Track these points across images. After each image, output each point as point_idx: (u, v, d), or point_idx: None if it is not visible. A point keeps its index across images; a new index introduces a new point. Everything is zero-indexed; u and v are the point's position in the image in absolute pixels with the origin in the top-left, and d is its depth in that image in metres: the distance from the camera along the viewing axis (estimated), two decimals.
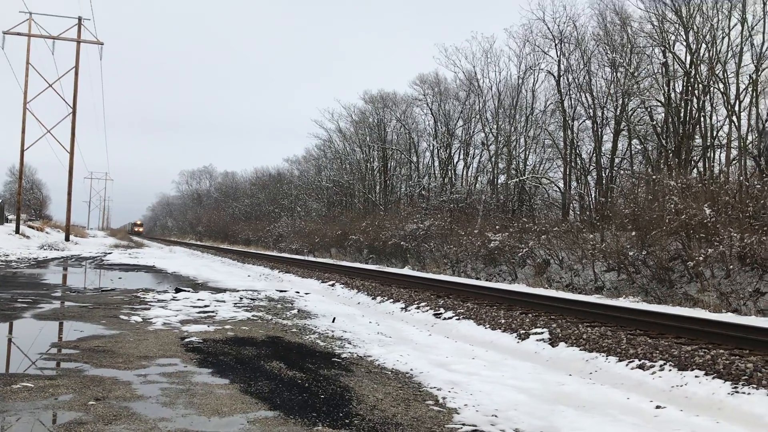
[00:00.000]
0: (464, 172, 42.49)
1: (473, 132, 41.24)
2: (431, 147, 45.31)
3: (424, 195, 43.07)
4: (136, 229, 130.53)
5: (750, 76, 24.18)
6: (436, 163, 44.71)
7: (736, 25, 24.84)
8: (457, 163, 43.05)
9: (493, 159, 38.16)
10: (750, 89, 24.16)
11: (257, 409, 5.20)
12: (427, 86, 43.97)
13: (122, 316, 10.15)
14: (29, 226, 49.29)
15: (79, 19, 43.19)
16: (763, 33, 23.96)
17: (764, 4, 23.76)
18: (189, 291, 14.49)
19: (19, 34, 41.56)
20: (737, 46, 24.69)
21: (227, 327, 9.55)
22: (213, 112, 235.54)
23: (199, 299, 12.89)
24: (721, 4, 25.07)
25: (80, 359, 6.84)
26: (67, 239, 45.94)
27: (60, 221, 59.88)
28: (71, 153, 43.45)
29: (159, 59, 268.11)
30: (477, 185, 40.53)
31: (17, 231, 41.79)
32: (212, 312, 11.17)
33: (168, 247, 57.08)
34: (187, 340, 8.29)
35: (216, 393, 5.65)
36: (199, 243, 72.17)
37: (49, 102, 45.74)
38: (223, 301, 12.84)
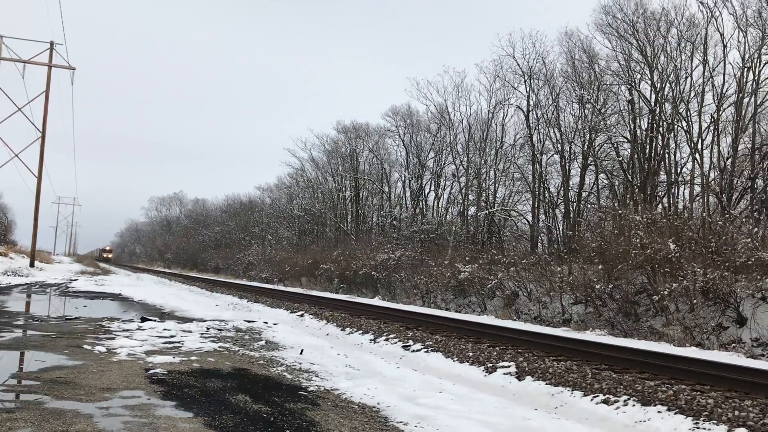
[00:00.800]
0: (435, 203, 42.82)
1: (444, 164, 41.69)
2: (403, 178, 45.66)
3: (396, 225, 43.21)
4: (105, 255, 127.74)
5: (711, 115, 24.94)
6: (408, 194, 45.01)
7: (698, 66, 25.69)
8: (428, 194, 43.40)
9: (463, 191, 38.53)
10: (712, 128, 24.90)
11: None
12: (399, 118, 44.47)
13: (86, 346, 9.97)
14: None
15: (51, 43, 42.94)
16: (723, 74, 24.81)
17: (724, 47, 24.64)
18: (155, 320, 14.28)
19: None
20: (699, 86, 25.49)
21: (193, 358, 9.44)
22: (184, 138, 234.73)
23: (165, 329, 12.71)
24: (684, 45, 25.92)
25: (41, 391, 6.71)
26: (32, 265, 44.95)
27: (25, 246, 58.71)
28: (39, 177, 42.81)
29: (130, 85, 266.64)
30: (447, 216, 40.82)
31: None
32: (178, 342, 11.02)
33: (135, 274, 56.17)
34: (151, 371, 8.18)
35: (179, 427, 5.58)
36: (167, 270, 71.14)
37: (17, 126, 45.08)
38: (190, 332, 12.68)
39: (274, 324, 15.58)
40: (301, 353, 10.72)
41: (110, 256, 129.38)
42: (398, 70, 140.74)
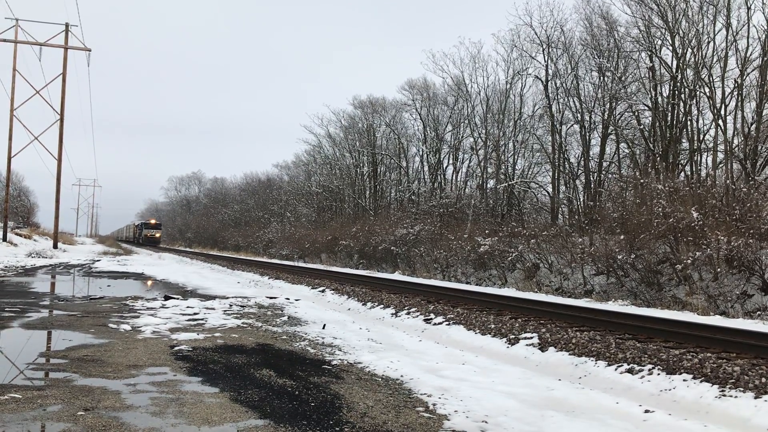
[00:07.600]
0: (453, 177, 42.65)
1: (462, 137, 41.42)
2: (420, 152, 45.48)
3: (414, 200, 43.14)
4: (149, 234, 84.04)
5: (735, 80, 24.42)
6: (426, 168, 44.85)
7: (721, 30, 25.11)
8: (446, 167, 43.22)
9: (482, 163, 38.30)
10: (735, 93, 24.40)
11: (247, 418, 5.19)
12: (416, 91, 44.14)
13: (111, 325, 10.10)
14: (17, 234, 48.92)
15: (66, 25, 43.05)
16: (747, 38, 24.22)
17: (748, 9, 24.03)
18: (178, 298, 14.43)
19: (5, 40, 41.35)
20: (722, 50, 24.94)
21: (217, 335, 9.53)
22: (202, 117, 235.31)
23: (188, 307, 12.84)
24: (706, 9, 25.32)
25: (69, 369, 6.81)
26: (55, 247, 45.64)
27: (48, 229, 59.55)
28: (59, 160, 43.25)
29: (147, 65, 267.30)
30: (466, 190, 40.66)
31: (4, 239, 41.49)
32: (202, 319, 11.13)
33: (157, 253, 56.77)
34: (176, 348, 8.27)
35: (206, 402, 5.64)
36: (188, 249, 71.88)
37: (36, 109, 45.58)
38: (213, 309, 12.79)
39: (296, 300, 15.68)
40: (323, 328, 10.78)
41: (158, 235, 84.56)
42: (414, 43, 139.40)
